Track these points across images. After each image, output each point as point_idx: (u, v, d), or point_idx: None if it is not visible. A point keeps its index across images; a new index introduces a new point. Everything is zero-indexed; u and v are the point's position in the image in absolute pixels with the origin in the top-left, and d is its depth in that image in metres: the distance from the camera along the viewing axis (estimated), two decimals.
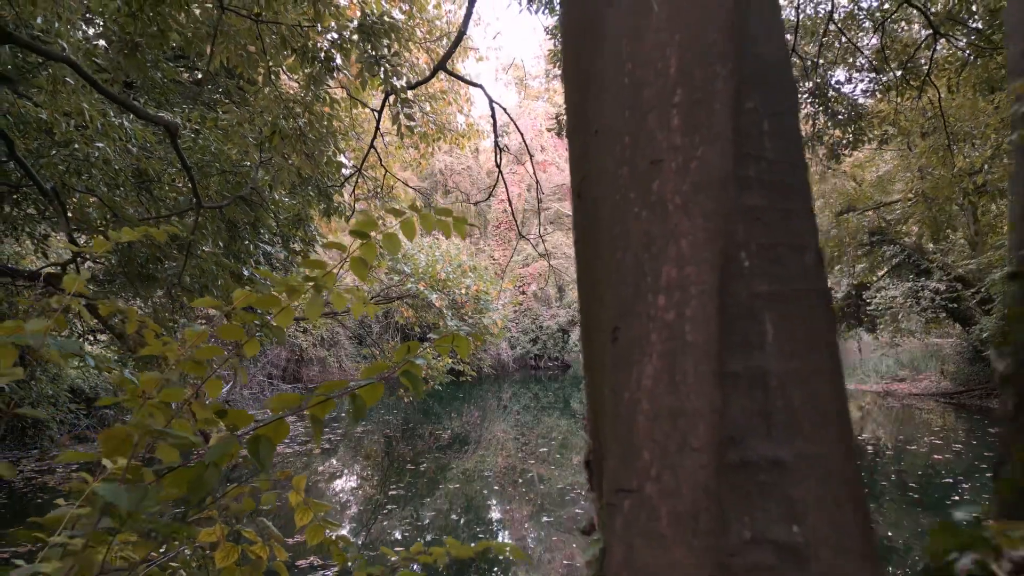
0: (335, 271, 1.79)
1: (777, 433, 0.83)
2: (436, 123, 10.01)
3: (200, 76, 8.71)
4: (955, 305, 14.25)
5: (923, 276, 15.07)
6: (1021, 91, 0.99)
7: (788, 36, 7.96)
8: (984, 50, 7.12)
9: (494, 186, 6.61)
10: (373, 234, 1.76)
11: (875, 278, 16.49)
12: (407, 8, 8.43)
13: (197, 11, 4.52)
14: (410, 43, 8.17)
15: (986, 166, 9.05)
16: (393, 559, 2.25)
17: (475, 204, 15.29)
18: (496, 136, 5.25)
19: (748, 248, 0.87)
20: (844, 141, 8.04)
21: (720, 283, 0.84)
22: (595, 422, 1.01)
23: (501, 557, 5.87)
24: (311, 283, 1.80)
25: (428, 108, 9.84)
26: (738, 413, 0.83)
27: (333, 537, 2.22)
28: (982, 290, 13.46)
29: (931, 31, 7.00)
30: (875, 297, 15.99)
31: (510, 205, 6.21)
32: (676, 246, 0.85)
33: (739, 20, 0.94)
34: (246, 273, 6.72)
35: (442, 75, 9.87)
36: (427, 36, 10.27)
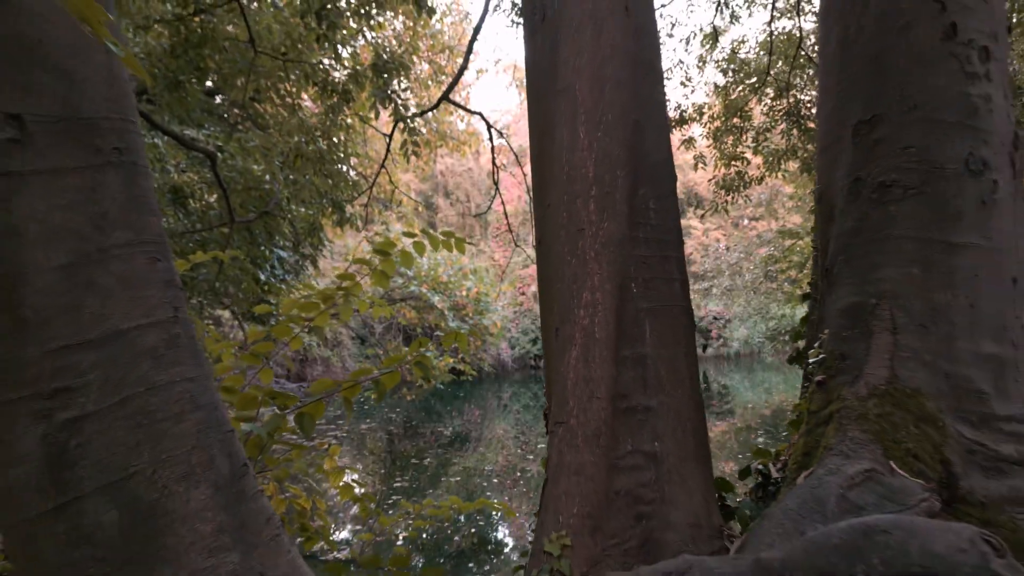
0: (361, 282, 2.36)
1: (649, 391, 1.41)
2: (438, 131, 10.58)
3: (212, 86, 9.28)
4: None
5: None
6: (815, 180, 1.52)
7: (762, 55, 8.51)
8: None
9: (491, 202, 7.17)
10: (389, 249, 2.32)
11: None
12: (411, 24, 8.98)
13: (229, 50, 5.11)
14: (414, 56, 8.68)
15: None
16: (410, 511, 2.82)
17: (476, 216, 15.85)
18: (493, 157, 5.82)
19: (637, 281, 1.44)
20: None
21: (618, 303, 1.41)
22: (549, 388, 1.58)
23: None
24: (342, 292, 2.39)
25: (430, 115, 10.35)
26: (627, 379, 1.41)
27: (359, 493, 2.83)
28: None
29: None
30: None
31: (507, 219, 6.77)
32: (591, 281, 1.42)
33: (638, 141, 1.50)
34: (262, 277, 7.30)
35: (443, 79, 10.45)
36: (431, 48, 10.80)
